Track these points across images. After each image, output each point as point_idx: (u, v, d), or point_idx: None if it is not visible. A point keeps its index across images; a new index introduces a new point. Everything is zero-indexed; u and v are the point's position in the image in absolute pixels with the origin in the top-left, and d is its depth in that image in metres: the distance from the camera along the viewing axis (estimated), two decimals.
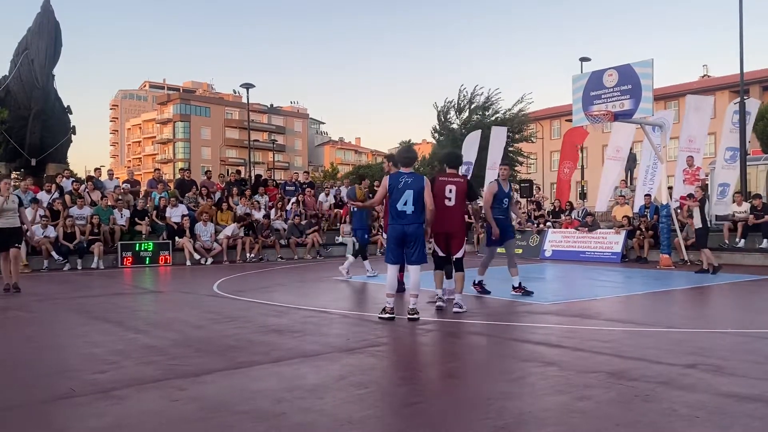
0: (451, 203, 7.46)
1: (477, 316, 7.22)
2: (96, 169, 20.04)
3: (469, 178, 8.17)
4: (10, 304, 8.94)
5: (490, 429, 3.36)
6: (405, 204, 6.81)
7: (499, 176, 9.17)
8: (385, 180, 7.09)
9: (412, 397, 3.93)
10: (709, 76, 52.85)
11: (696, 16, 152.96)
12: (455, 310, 7.33)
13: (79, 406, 3.87)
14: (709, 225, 12.88)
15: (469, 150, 22.49)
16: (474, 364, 5.09)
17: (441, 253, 7.65)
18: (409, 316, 6.85)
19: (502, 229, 8.56)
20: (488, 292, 8.80)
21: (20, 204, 10.53)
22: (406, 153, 7.23)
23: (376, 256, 18.72)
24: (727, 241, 15.27)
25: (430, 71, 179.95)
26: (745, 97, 17.09)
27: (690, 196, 16.34)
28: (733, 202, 16.11)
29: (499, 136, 22.79)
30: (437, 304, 7.61)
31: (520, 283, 8.73)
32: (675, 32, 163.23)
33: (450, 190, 7.46)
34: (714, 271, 12.03)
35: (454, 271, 7.68)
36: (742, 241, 15.02)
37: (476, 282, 8.92)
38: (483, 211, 8.83)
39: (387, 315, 6.87)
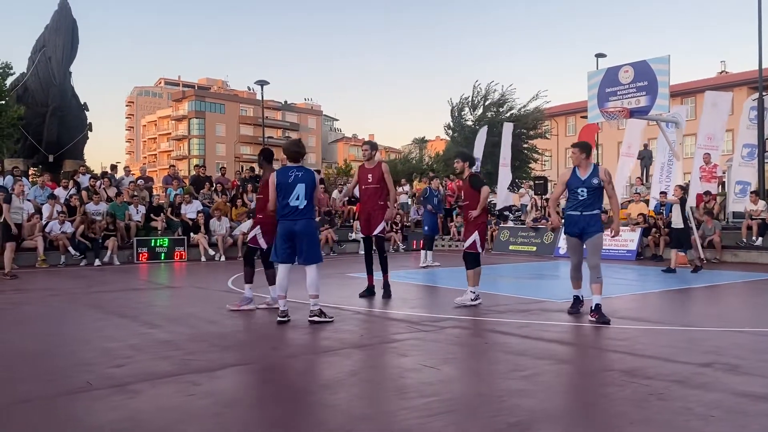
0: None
1: (490, 313, 7.21)
2: (113, 166, 20.22)
3: (476, 172, 8.10)
4: (28, 299, 9.06)
5: (503, 426, 3.35)
6: (297, 199, 6.43)
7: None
8: (273, 176, 6.61)
9: (425, 394, 3.94)
10: (726, 72, 52.20)
11: (714, 12, 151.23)
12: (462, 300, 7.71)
13: (95, 399, 3.91)
14: (690, 225, 12.72)
15: (480, 146, 22.50)
16: (487, 361, 5.08)
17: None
18: (310, 319, 6.53)
19: (572, 226, 6.80)
20: (607, 321, 6.42)
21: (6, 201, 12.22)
22: (295, 147, 6.75)
23: (389, 253, 18.73)
24: (744, 239, 15.12)
25: (444, 67, 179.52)
26: (764, 93, 16.87)
27: (707, 193, 16.24)
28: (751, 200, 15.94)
29: (509, 132, 22.79)
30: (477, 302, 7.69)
31: (598, 306, 6.55)
32: (692, 28, 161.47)
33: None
34: (670, 271, 11.95)
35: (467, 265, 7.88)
36: (760, 239, 14.86)
37: (593, 309, 6.60)
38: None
39: (281, 318, 6.54)
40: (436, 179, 15.64)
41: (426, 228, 14.13)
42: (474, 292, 7.69)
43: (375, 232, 8.45)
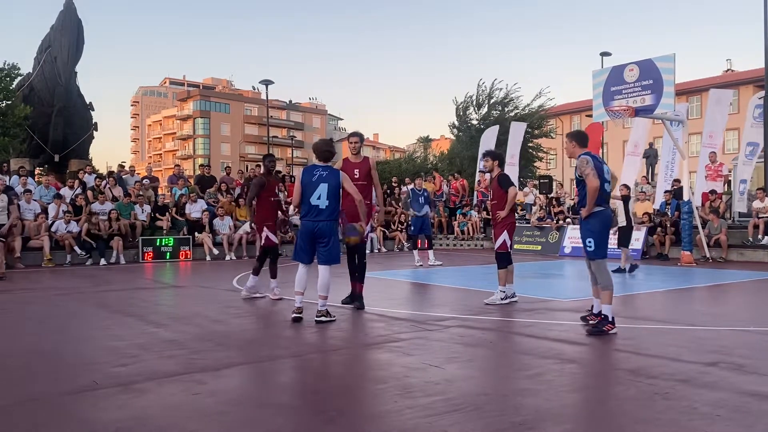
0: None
1: (495, 312, 7.20)
2: (120, 166, 20.28)
3: (504, 172, 8.12)
4: (35, 298, 9.10)
5: (508, 425, 3.35)
6: (319, 198, 6.41)
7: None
8: (299, 174, 6.74)
9: (430, 393, 3.94)
10: (732, 71, 52.00)
11: (720, 10, 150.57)
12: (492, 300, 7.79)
13: (101, 398, 3.93)
14: (633, 224, 12.63)
15: (487, 145, 22.48)
16: (491, 360, 5.08)
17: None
18: (317, 319, 6.52)
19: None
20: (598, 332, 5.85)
21: (10, 203, 12.55)
22: (326, 147, 6.74)
23: (394, 252, 18.74)
24: (750, 238, 15.06)
25: (449, 66, 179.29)
26: None
27: (712, 192, 16.20)
28: (754, 198, 15.87)
29: (517, 132, 22.78)
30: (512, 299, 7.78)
31: (600, 314, 6.03)
32: (698, 26, 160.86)
33: None
34: (631, 270, 11.90)
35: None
36: (766, 237, 14.80)
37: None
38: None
39: (296, 315, 6.61)
40: (419, 179, 15.60)
41: (412, 228, 14.34)
42: (504, 291, 7.77)
43: None
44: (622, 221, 12.36)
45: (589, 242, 6.05)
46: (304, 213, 6.55)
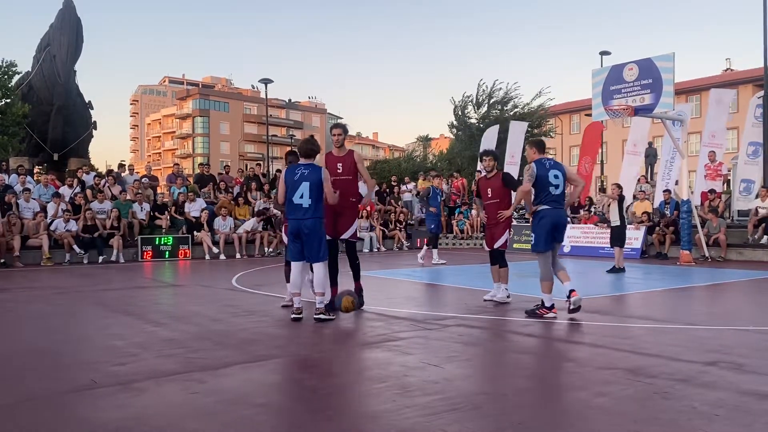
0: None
1: (494, 312, 7.20)
2: (120, 165, 20.30)
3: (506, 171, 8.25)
4: (34, 297, 9.09)
5: (507, 424, 3.35)
6: (301, 197, 6.44)
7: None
8: (282, 173, 6.76)
9: (429, 392, 3.94)
10: (732, 70, 52.01)
11: (719, 9, 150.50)
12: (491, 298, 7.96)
13: (100, 397, 3.92)
14: (626, 223, 12.64)
15: (488, 145, 22.50)
16: (491, 360, 5.08)
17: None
18: (315, 317, 6.53)
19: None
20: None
21: None
22: (308, 144, 6.74)
23: (393, 251, 18.74)
24: (750, 237, 15.06)
25: (449, 66, 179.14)
26: None
27: (712, 191, 16.20)
28: (757, 197, 15.86)
29: (518, 131, 22.80)
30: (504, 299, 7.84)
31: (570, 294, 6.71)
32: (698, 26, 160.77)
33: None
34: (616, 270, 11.78)
35: (490, 264, 8.19)
36: (766, 237, 14.80)
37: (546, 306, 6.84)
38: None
39: (296, 315, 6.60)
40: (437, 178, 15.60)
41: (432, 226, 14.25)
42: (507, 290, 7.87)
43: (345, 236, 7.36)
44: (615, 221, 12.31)
45: (532, 237, 7.08)
46: (288, 212, 6.61)
